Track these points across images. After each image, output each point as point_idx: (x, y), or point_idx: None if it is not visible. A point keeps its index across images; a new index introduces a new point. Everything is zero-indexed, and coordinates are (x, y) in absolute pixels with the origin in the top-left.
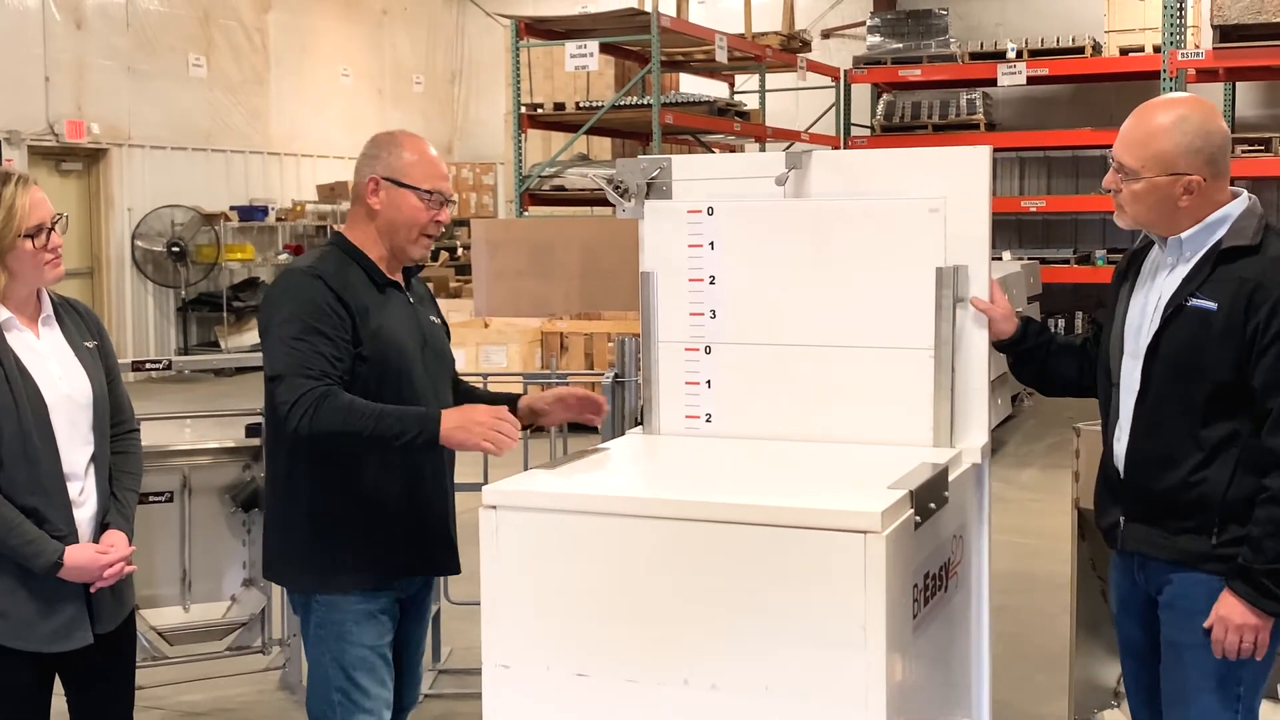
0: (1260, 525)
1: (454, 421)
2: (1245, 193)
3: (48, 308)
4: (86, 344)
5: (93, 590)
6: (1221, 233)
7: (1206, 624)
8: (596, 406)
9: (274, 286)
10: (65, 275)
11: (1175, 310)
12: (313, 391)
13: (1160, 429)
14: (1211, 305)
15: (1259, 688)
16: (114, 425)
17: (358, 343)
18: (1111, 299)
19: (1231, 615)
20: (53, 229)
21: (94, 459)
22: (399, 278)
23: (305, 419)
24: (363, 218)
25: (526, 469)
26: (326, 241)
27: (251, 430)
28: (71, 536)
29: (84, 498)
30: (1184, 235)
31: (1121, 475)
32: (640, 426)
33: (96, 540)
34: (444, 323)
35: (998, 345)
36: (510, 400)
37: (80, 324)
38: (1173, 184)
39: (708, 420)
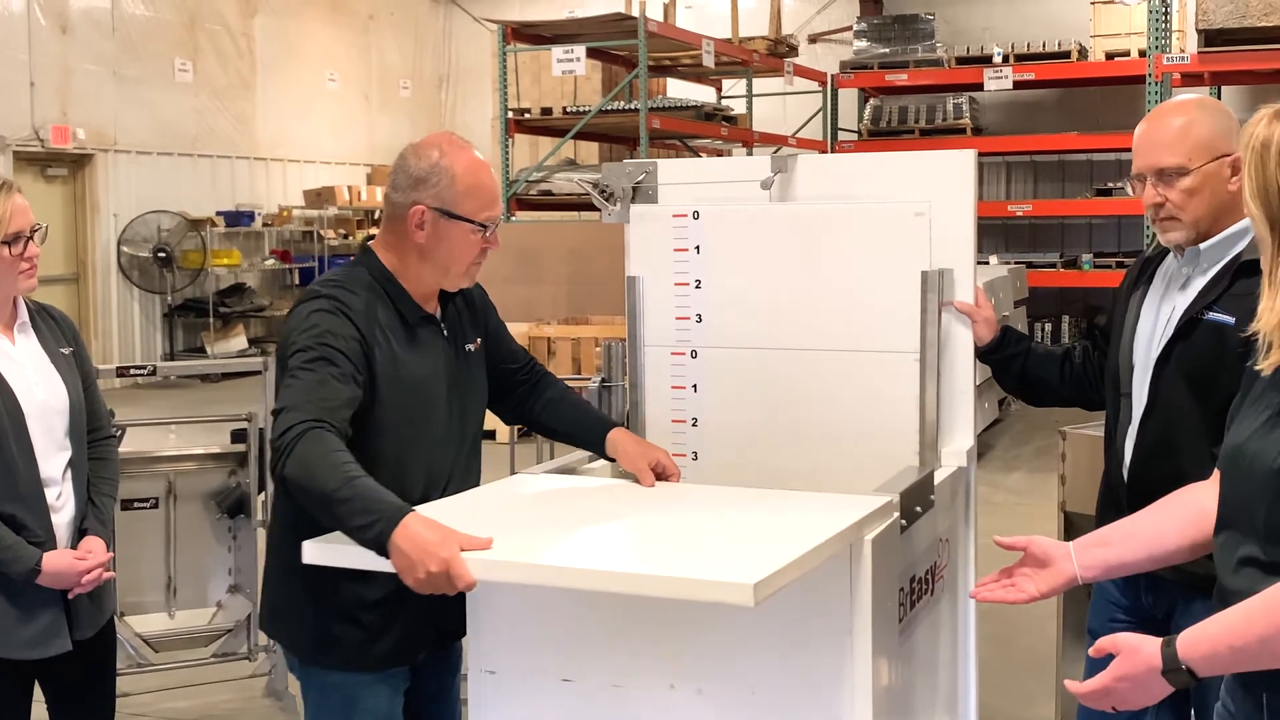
0: None
1: (410, 538)
2: None
3: (24, 314)
4: (63, 350)
5: (70, 596)
6: (1241, 246)
7: None
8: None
9: (293, 315)
10: (52, 281)
11: (1190, 323)
12: (297, 428)
13: (1173, 446)
14: (1229, 319)
15: None
16: (91, 432)
17: (374, 388)
18: (1122, 306)
19: None
20: (31, 238)
21: (71, 465)
22: (434, 306)
23: (281, 460)
24: (402, 244)
25: (513, 472)
26: (357, 257)
27: (237, 436)
28: (49, 543)
29: (61, 503)
30: (1202, 247)
31: (1128, 489)
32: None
33: (74, 546)
34: (488, 332)
35: (978, 353)
36: (608, 426)
37: (56, 330)
38: (1221, 167)
39: (694, 425)
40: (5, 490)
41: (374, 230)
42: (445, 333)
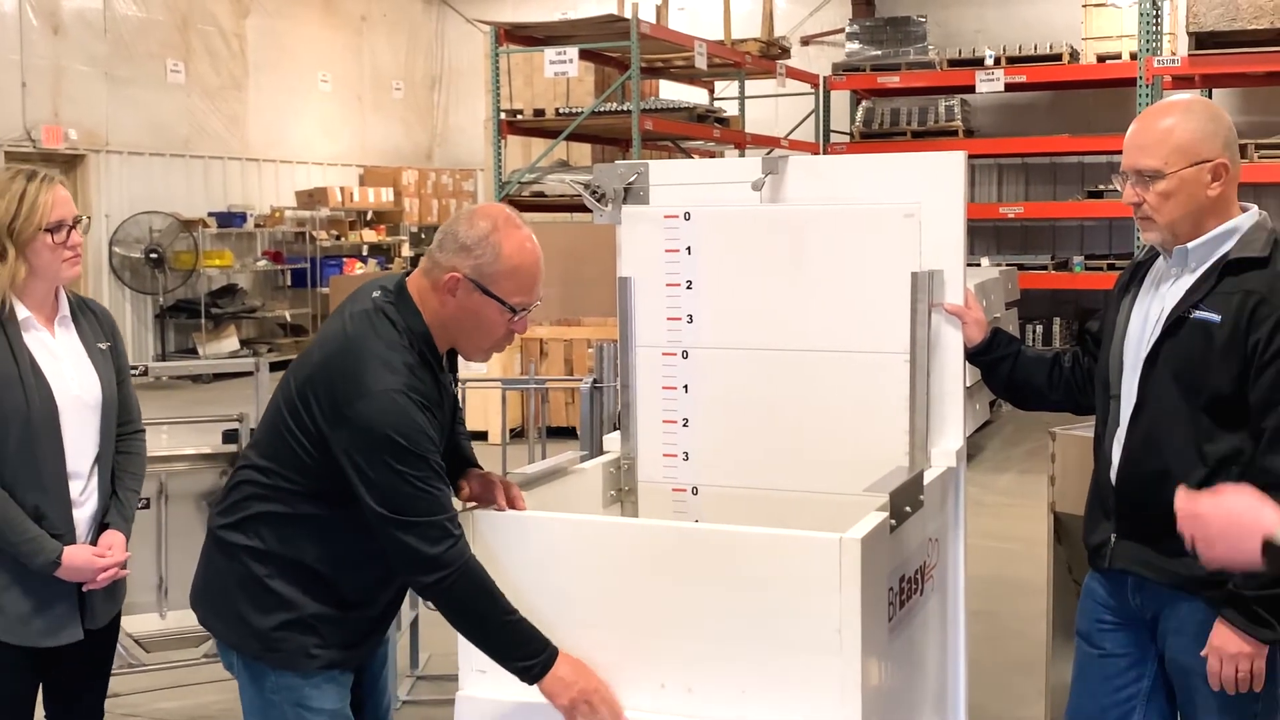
0: None
1: (565, 674)
2: (1255, 207)
3: (65, 308)
4: (100, 345)
5: (85, 590)
6: (1229, 245)
7: (1202, 653)
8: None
9: (366, 396)
10: None
11: (1177, 322)
12: (459, 550)
13: (1160, 444)
14: (1215, 317)
15: (1275, 711)
16: (121, 425)
17: None
18: (1113, 310)
19: (1225, 645)
20: (73, 227)
21: (98, 459)
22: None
23: (447, 581)
24: (432, 301)
25: (505, 472)
26: (394, 299)
27: (228, 437)
28: (69, 535)
29: (85, 497)
30: (1190, 246)
31: (1115, 490)
32: (618, 431)
33: (93, 540)
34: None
35: (968, 354)
36: (470, 464)
37: (95, 325)
38: (1200, 173)
39: (685, 425)
40: (29, 481)
41: (366, 232)
42: (452, 385)
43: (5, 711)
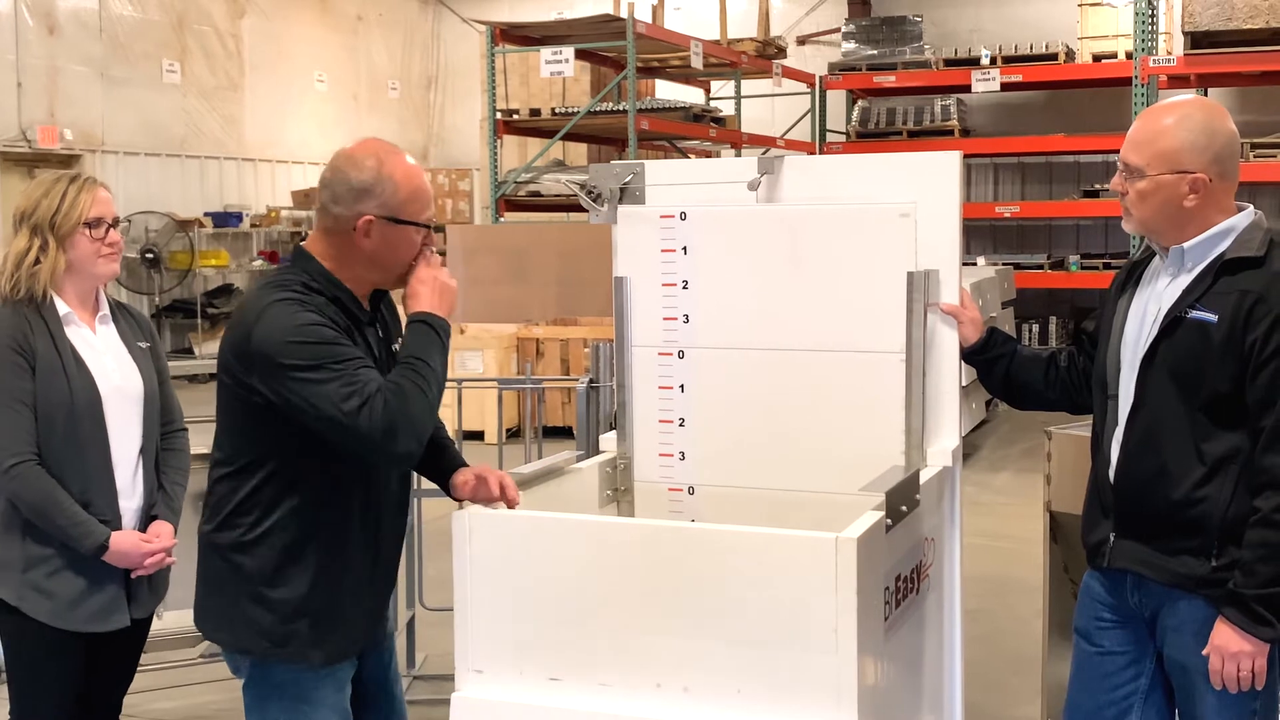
0: (1251, 548)
1: (428, 297)
2: (1251, 207)
3: (105, 307)
4: (140, 344)
5: (132, 577)
6: (1225, 245)
7: (1204, 652)
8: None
9: (259, 322)
10: None
11: (1173, 322)
12: (371, 387)
13: (1158, 443)
14: (1212, 317)
15: (1274, 709)
16: (163, 424)
17: None
18: (1110, 310)
19: (1227, 644)
20: (113, 226)
21: (142, 451)
22: (367, 304)
23: (373, 407)
24: (344, 253)
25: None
26: (293, 260)
27: None
28: (115, 523)
29: (130, 487)
30: (1186, 245)
31: (1114, 489)
32: (614, 431)
33: (142, 530)
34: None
35: (964, 354)
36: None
37: (134, 326)
38: (1178, 182)
39: (681, 425)
40: (75, 469)
41: None
42: (380, 333)
43: (51, 696)
